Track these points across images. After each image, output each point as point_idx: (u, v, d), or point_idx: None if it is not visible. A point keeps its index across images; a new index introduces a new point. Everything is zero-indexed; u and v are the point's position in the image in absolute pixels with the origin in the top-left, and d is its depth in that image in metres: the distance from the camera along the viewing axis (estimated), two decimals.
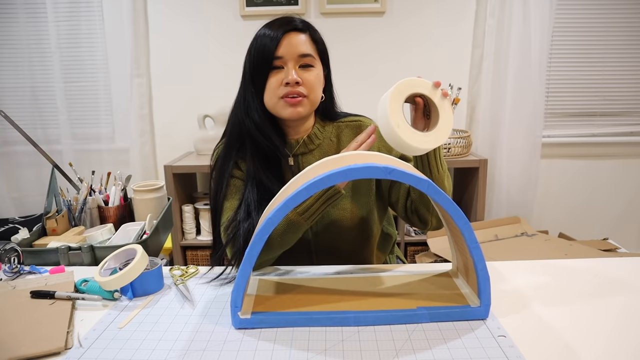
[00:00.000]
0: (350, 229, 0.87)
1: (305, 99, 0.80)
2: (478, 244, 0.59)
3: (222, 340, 0.57)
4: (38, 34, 1.96)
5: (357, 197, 0.87)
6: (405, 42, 1.96)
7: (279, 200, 0.59)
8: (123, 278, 0.68)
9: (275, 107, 0.81)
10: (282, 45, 0.78)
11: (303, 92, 0.79)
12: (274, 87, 0.79)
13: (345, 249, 0.88)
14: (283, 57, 0.78)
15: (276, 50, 0.78)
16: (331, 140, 0.89)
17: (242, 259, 0.76)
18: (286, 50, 0.78)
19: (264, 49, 0.78)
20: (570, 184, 2.08)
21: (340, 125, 0.90)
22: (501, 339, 0.56)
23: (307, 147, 0.87)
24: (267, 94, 0.81)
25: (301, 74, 0.79)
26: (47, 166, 1.05)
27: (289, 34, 0.79)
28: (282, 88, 0.79)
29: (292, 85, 0.78)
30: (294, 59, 0.79)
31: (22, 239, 0.88)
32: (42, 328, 0.60)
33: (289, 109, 0.80)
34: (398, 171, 0.56)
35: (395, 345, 0.55)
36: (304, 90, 0.79)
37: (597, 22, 1.94)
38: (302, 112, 0.81)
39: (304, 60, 0.80)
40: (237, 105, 0.85)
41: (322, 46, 0.85)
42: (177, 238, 1.86)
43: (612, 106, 2.03)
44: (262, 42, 0.79)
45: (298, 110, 0.80)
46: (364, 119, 0.91)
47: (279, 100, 0.80)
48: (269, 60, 0.78)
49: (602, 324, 0.59)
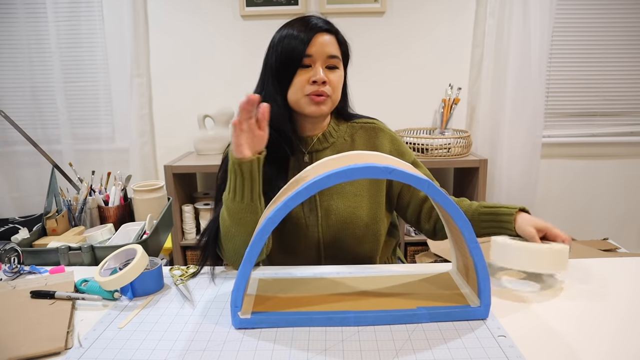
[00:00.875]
0: (360, 227, 0.87)
1: (329, 99, 0.83)
2: (478, 244, 0.59)
3: (222, 340, 0.57)
4: (38, 34, 1.96)
5: (369, 195, 0.88)
6: (405, 42, 1.96)
7: (279, 200, 0.59)
8: (123, 278, 0.67)
9: (299, 103, 0.83)
10: (313, 45, 0.80)
11: (328, 92, 0.82)
12: (301, 84, 0.81)
13: (353, 246, 0.88)
14: (312, 55, 0.81)
15: (308, 48, 0.80)
16: (345, 139, 0.90)
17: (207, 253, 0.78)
18: (316, 49, 0.81)
19: (294, 46, 0.80)
20: (570, 184, 2.08)
21: (354, 125, 0.92)
22: (501, 339, 0.56)
23: (322, 144, 0.89)
24: (293, 90, 0.82)
25: (327, 74, 0.82)
26: (47, 166, 1.04)
27: (320, 34, 0.82)
28: (309, 86, 0.81)
29: (319, 85, 0.81)
30: (322, 59, 0.81)
31: (22, 239, 0.88)
32: (42, 328, 0.60)
33: (312, 106, 0.82)
34: (398, 171, 0.56)
35: (395, 345, 0.55)
36: (328, 90, 0.82)
37: (597, 22, 1.94)
38: (324, 110, 0.83)
39: (331, 62, 0.83)
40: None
41: (346, 48, 0.88)
42: (177, 238, 1.86)
43: (612, 106, 2.03)
44: (291, 39, 0.81)
45: (321, 108, 0.83)
46: (378, 122, 0.94)
47: (303, 96, 0.82)
48: (299, 57, 0.80)
49: (602, 323, 0.59)
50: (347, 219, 0.86)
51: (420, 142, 1.78)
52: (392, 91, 2.00)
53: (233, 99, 1.98)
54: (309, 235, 0.88)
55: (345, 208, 0.87)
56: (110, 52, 1.96)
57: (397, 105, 2.01)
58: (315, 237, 0.88)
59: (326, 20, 0.86)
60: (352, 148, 0.90)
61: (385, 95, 2.00)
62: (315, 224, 0.87)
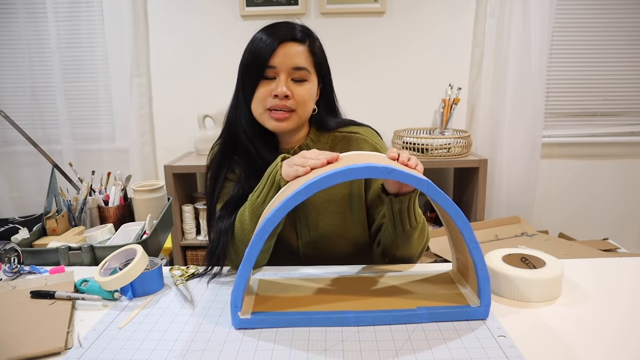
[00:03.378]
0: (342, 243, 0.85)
1: (293, 114, 0.78)
2: (478, 244, 0.59)
3: (222, 341, 0.57)
4: (38, 34, 1.96)
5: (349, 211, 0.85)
6: (405, 42, 1.96)
7: (279, 200, 0.59)
8: (123, 278, 0.67)
9: (260, 117, 0.79)
10: (276, 55, 0.75)
11: (291, 107, 0.77)
12: (262, 96, 0.77)
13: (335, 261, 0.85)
14: (276, 67, 0.76)
15: (270, 59, 0.75)
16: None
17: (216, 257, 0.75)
18: (280, 60, 0.76)
19: (258, 55, 0.76)
20: (571, 184, 2.08)
21: (336, 135, 0.86)
22: (501, 339, 0.56)
23: None
24: (255, 102, 0.78)
25: (292, 87, 0.77)
26: (47, 166, 1.04)
27: (286, 44, 0.76)
28: (270, 99, 0.77)
29: (281, 99, 0.76)
30: (287, 70, 0.76)
31: (22, 239, 0.88)
32: (42, 328, 0.60)
33: (273, 122, 0.78)
34: (397, 171, 0.56)
35: (395, 345, 0.55)
36: (292, 104, 0.77)
37: (598, 22, 1.94)
38: (287, 127, 0.79)
39: (297, 74, 0.77)
40: (231, 108, 0.84)
41: (321, 58, 0.81)
42: (177, 238, 1.86)
43: (612, 106, 2.03)
44: (257, 47, 0.77)
45: (282, 125, 0.78)
46: (362, 131, 0.86)
47: (265, 111, 0.78)
48: (261, 68, 0.76)
49: (602, 323, 0.59)
50: (325, 236, 0.84)
51: (420, 142, 1.78)
52: (392, 91, 2.00)
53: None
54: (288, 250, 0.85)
55: (323, 226, 0.83)
56: (110, 52, 1.96)
57: (397, 105, 2.01)
58: (294, 251, 0.86)
59: (301, 27, 0.80)
60: None
61: (385, 95, 2.00)
62: (294, 239, 0.86)
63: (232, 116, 0.83)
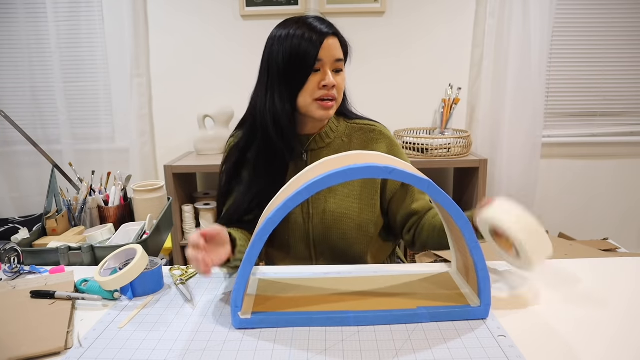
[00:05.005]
0: (350, 228, 0.87)
1: (334, 102, 0.84)
2: (478, 243, 0.59)
3: (222, 340, 0.57)
4: (38, 34, 1.96)
5: (361, 197, 0.88)
6: (405, 42, 1.96)
7: (279, 200, 0.59)
8: (123, 278, 0.67)
9: (308, 107, 0.83)
10: (323, 49, 0.81)
11: (336, 95, 0.83)
12: (312, 88, 0.82)
13: (343, 246, 0.88)
14: (322, 59, 0.81)
15: (319, 53, 0.81)
16: (342, 140, 0.90)
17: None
18: (326, 53, 0.81)
19: (306, 50, 0.80)
20: (570, 184, 2.08)
21: (354, 126, 0.92)
22: (501, 338, 0.56)
23: (318, 144, 0.89)
24: (304, 94, 0.82)
25: (335, 78, 0.83)
26: (47, 166, 1.04)
27: (330, 38, 0.82)
28: (319, 90, 0.82)
29: (329, 89, 0.82)
30: (330, 62, 0.82)
31: (22, 239, 0.87)
32: (42, 328, 0.60)
33: (322, 111, 0.83)
34: (398, 171, 0.56)
35: (395, 345, 0.55)
36: (336, 93, 0.83)
37: (598, 22, 1.94)
38: (332, 114, 0.85)
39: (337, 65, 0.84)
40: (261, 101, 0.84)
41: (347, 49, 0.88)
42: (177, 238, 1.86)
43: (612, 106, 2.03)
44: (299, 43, 0.80)
45: (329, 113, 0.84)
46: (379, 125, 0.93)
47: (313, 101, 0.82)
48: (311, 62, 0.80)
49: (602, 323, 0.59)
50: (336, 218, 0.87)
51: (420, 142, 1.78)
52: (392, 91, 2.00)
53: (233, 99, 1.98)
54: (298, 230, 0.88)
55: (335, 208, 0.87)
56: (110, 52, 1.96)
57: (397, 105, 2.01)
58: (304, 233, 0.88)
59: (328, 21, 0.86)
60: (349, 149, 0.89)
61: (385, 95, 2.00)
62: (305, 221, 0.88)
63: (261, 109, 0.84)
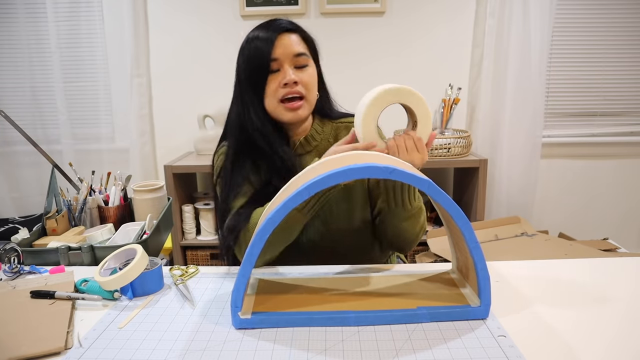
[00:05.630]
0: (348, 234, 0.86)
1: (304, 101, 0.81)
2: (478, 243, 0.59)
3: (222, 340, 0.57)
4: (38, 34, 1.96)
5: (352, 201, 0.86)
6: (405, 42, 1.96)
7: (279, 201, 0.59)
8: (123, 278, 0.67)
9: (275, 111, 0.81)
10: (277, 47, 0.78)
11: (302, 92, 0.80)
12: (273, 89, 0.79)
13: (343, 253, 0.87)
14: (279, 58, 0.79)
15: (272, 52, 0.78)
16: (329, 141, 0.89)
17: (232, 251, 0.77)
18: (282, 51, 0.79)
19: (259, 52, 0.78)
20: (570, 184, 2.08)
21: (339, 125, 0.90)
22: (501, 338, 0.56)
23: (305, 148, 0.87)
24: (268, 97, 0.81)
25: (297, 74, 0.79)
26: (47, 166, 1.04)
27: (281, 35, 0.79)
28: (281, 90, 0.79)
29: (290, 86, 0.79)
30: (289, 59, 0.79)
31: (22, 239, 0.87)
32: (42, 328, 0.60)
33: (289, 113, 0.80)
34: (399, 171, 0.56)
35: (395, 345, 0.55)
36: (302, 90, 0.80)
37: (598, 22, 1.94)
38: (302, 114, 0.81)
39: (299, 60, 0.80)
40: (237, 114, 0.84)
41: (313, 44, 0.85)
42: (177, 238, 1.86)
43: (612, 106, 2.03)
44: (255, 45, 0.79)
45: (299, 114, 0.81)
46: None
47: (279, 104, 0.80)
48: (265, 63, 0.78)
49: (602, 323, 0.59)
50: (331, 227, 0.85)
51: None
52: None
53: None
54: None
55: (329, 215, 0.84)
56: (110, 52, 1.96)
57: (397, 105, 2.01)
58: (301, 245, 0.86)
59: (288, 20, 0.83)
60: None
61: None
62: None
63: (242, 121, 0.83)
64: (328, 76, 0.91)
